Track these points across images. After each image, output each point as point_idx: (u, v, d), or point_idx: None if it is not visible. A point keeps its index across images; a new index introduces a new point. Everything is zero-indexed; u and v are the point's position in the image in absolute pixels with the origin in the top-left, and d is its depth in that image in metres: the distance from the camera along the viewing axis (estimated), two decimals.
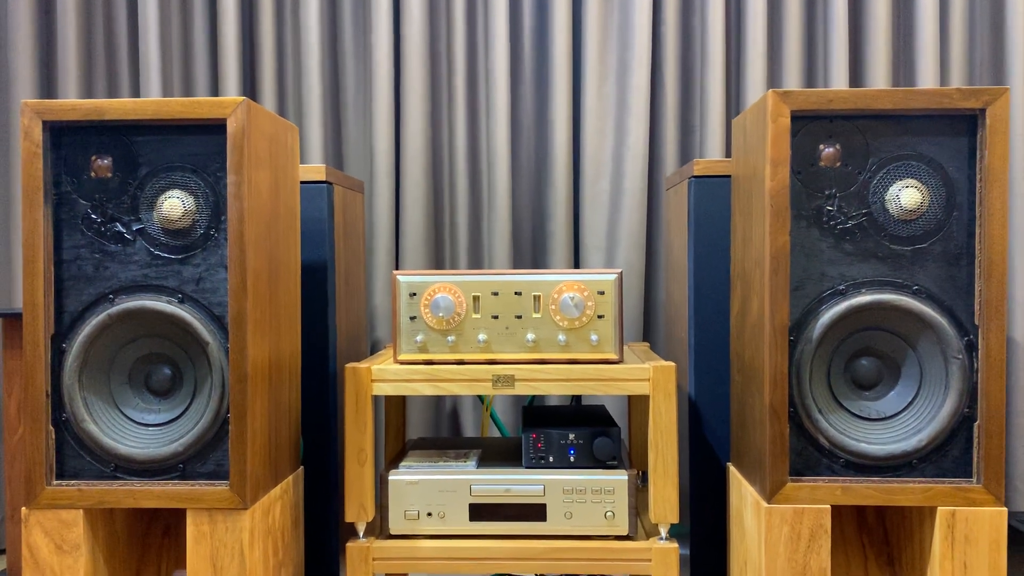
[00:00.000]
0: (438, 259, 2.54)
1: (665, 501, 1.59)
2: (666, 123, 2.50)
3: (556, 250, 2.49)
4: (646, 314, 2.52)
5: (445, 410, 2.54)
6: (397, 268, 2.51)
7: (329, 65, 2.55)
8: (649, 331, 2.52)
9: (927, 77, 2.42)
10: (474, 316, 1.65)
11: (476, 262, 2.53)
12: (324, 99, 2.52)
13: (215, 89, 2.56)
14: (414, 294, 1.65)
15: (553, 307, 1.64)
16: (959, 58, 2.47)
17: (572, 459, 1.66)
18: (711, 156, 2.43)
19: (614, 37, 2.50)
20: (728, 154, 2.47)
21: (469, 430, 2.50)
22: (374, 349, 2.49)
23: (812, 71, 2.52)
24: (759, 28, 2.44)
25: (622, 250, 2.46)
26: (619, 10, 2.49)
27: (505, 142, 2.46)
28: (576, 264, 2.52)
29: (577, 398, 2.49)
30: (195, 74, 2.55)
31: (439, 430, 2.54)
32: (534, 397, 2.35)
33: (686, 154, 2.53)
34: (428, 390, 1.62)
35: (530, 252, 2.55)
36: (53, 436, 1.48)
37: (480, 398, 2.41)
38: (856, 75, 2.50)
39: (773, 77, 2.50)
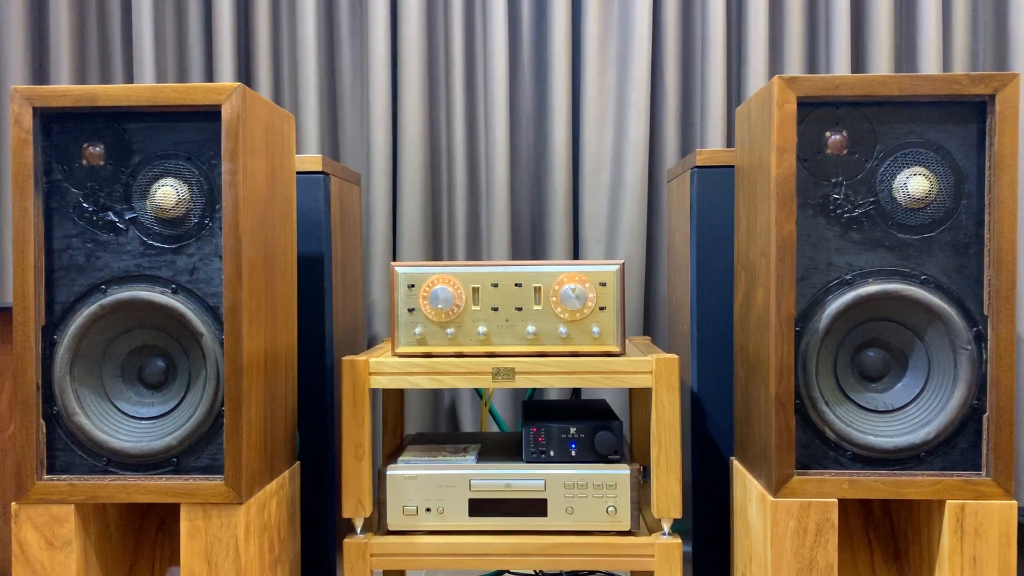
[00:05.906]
0: (436, 252, 2.51)
1: (668, 496, 1.57)
2: (667, 115, 2.47)
3: (556, 242, 2.46)
4: (646, 307, 2.49)
5: (443, 405, 2.51)
6: (395, 261, 2.48)
7: (325, 55, 2.52)
8: (650, 325, 2.49)
9: (930, 67, 2.39)
10: (474, 308, 1.62)
11: (475, 255, 2.50)
12: (320, 90, 2.49)
13: (209, 79, 2.53)
14: (412, 286, 1.62)
15: (554, 299, 1.61)
16: (962, 47, 2.45)
17: (573, 453, 1.63)
18: (713, 148, 2.40)
19: (614, 28, 2.47)
20: (730, 145, 2.44)
21: (468, 425, 2.47)
22: (371, 345, 2.45)
23: (814, 62, 2.49)
24: (760, 18, 2.41)
25: (622, 243, 2.44)
26: (619, 0, 2.46)
27: (504, 134, 2.43)
28: (575, 256, 2.49)
29: (577, 392, 2.46)
30: (190, 64, 2.52)
31: (437, 425, 2.51)
32: (534, 391, 2.32)
33: (687, 146, 2.50)
34: (427, 383, 1.59)
35: (529, 244, 2.52)
36: (44, 430, 1.44)
37: (479, 393, 2.38)
38: (858, 66, 2.47)
39: (774, 68, 2.47)
